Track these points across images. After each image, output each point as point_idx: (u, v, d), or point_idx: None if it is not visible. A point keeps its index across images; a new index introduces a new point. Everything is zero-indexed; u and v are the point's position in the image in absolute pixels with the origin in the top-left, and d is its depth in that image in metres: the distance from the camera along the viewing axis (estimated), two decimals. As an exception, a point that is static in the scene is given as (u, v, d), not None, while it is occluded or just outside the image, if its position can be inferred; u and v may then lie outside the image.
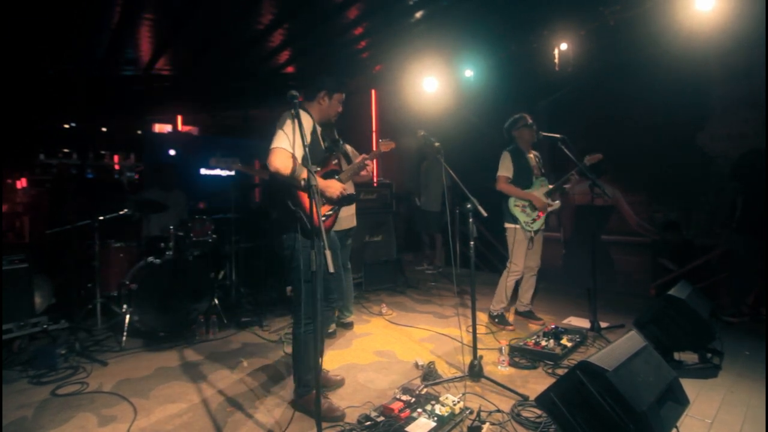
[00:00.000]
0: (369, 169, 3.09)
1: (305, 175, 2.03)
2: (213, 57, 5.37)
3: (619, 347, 2.02)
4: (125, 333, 3.52)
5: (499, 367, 3.05)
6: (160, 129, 8.95)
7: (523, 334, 3.69)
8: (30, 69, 5.10)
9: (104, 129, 7.99)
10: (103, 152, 7.88)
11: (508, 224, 3.85)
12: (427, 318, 4.29)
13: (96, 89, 5.96)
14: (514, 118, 3.91)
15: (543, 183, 3.88)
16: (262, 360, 3.24)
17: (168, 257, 3.77)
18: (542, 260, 4.01)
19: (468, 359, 2.92)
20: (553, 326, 3.61)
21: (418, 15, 4.69)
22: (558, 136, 3.67)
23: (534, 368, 3.04)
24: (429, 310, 4.55)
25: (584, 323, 3.87)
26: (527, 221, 3.79)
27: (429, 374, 2.84)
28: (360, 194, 4.91)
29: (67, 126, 7.56)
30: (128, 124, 8.32)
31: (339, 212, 2.64)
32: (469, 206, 2.85)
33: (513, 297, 4.00)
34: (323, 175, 2.51)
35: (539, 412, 2.35)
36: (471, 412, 2.37)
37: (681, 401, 2.04)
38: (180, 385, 2.85)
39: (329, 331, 3.69)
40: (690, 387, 2.42)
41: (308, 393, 2.43)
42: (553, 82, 5.64)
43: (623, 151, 5.27)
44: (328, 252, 1.77)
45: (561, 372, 2.91)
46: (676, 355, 3.00)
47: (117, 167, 8.23)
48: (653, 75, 4.89)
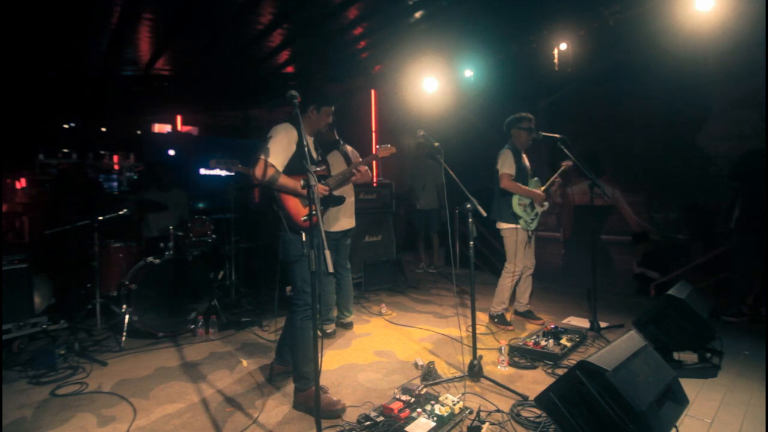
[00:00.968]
0: (365, 170, 3.10)
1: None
2: (213, 57, 5.37)
3: (619, 347, 2.02)
4: (125, 333, 3.52)
5: (499, 367, 3.05)
6: (160, 129, 8.92)
7: (523, 334, 3.69)
8: (30, 70, 5.10)
9: (104, 129, 7.98)
10: (103, 152, 7.85)
11: (508, 224, 3.78)
12: (427, 318, 4.29)
13: (96, 89, 5.96)
14: (517, 117, 3.84)
15: (537, 184, 3.89)
16: (262, 360, 3.24)
17: (168, 257, 3.76)
18: (542, 260, 4.02)
19: (468, 359, 2.92)
20: (553, 326, 3.61)
21: (418, 15, 4.69)
22: (558, 136, 3.68)
23: (534, 368, 3.04)
24: (429, 310, 4.55)
25: (584, 323, 3.87)
26: (528, 220, 3.79)
27: (428, 374, 2.83)
28: (359, 194, 4.92)
29: (67, 126, 7.54)
30: (128, 124, 8.31)
31: (326, 212, 2.98)
32: (469, 206, 2.85)
33: (511, 297, 4.00)
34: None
35: (539, 412, 2.35)
36: (471, 412, 2.38)
37: (680, 401, 2.04)
38: (179, 385, 2.85)
39: (328, 332, 3.69)
40: (690, 387, 2.43)
41: (308, 387, 2.45)
42: (553, 82, 5.65)
43: (623, 151, 5.28)
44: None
45: (561, 372, 2.91)
46: (676, 355, 3.00)
47: (117, 167, 8.21)
48: (653, 75, 4.89)
